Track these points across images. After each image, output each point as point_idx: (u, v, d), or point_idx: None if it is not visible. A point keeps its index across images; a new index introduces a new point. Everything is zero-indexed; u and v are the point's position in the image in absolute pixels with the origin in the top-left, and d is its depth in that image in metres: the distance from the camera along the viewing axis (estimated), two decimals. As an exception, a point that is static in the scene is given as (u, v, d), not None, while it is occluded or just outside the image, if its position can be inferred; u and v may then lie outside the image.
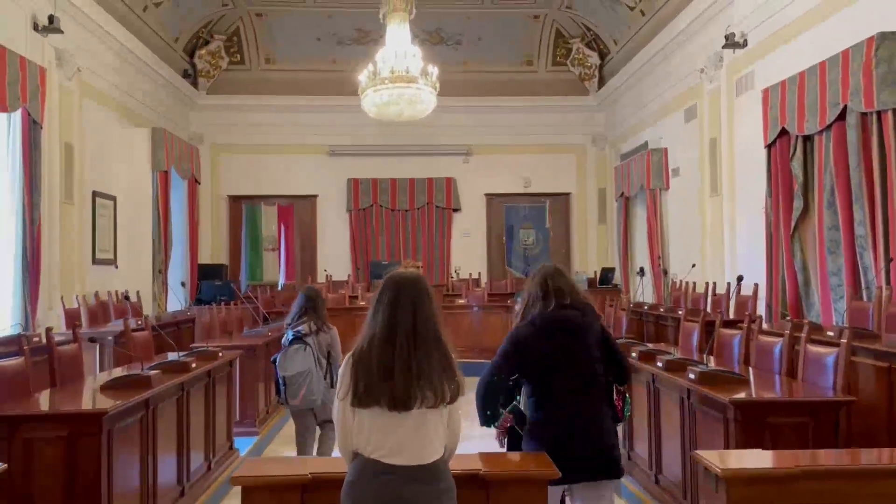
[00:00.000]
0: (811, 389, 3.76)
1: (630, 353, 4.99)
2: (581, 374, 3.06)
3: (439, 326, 2.42)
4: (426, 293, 2.44)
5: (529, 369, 3.09)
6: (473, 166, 14.14)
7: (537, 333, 3.08)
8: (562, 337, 3.07)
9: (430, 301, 2.43)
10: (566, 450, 2.94)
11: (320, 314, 4.95)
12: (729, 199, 8.89)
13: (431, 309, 2.42)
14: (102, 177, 9.79)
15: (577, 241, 14.31)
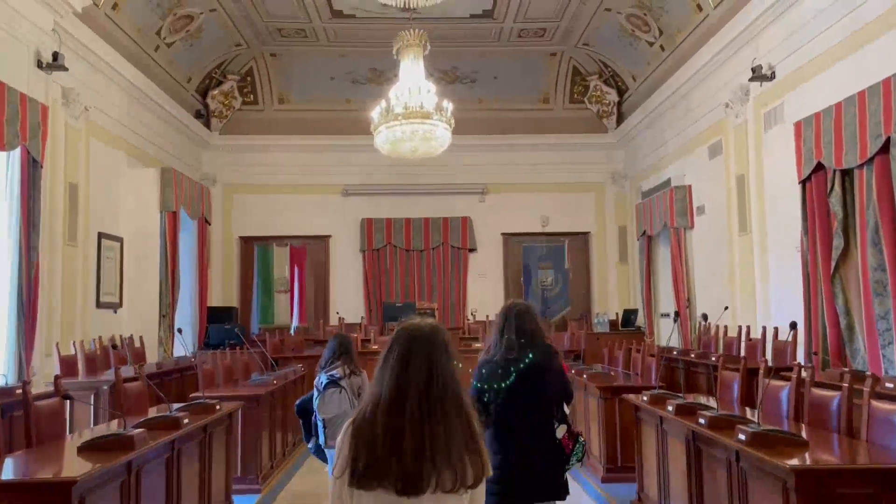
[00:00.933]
0: (881, 454, 3.30)
1: (666, 406, 4.53)
2: (523, 410, 3.35)
3: (461, 389, 2.01)
4: (444, 348, 2.02)
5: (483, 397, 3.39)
6: (490, 205, 13.81)
7: (489, 371, 3.41)
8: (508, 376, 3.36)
9: (450, 358, 2.02)
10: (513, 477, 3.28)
11: (352, 358, 5.06)
12: (759, 237, 8.46)
13: (451, 368, 2.01)
14: (109, 217, 9.54)
15: (598, 281, 13.86)
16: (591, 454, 6.70)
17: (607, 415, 6.21)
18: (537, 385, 3.38)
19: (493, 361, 3.44)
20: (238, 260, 13.61)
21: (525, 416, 3.37)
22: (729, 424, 3.78)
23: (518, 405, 3.36)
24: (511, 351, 3.40)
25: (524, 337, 3.44)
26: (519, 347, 3.40)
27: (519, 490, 3.31)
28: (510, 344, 3.43)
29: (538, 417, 3.40)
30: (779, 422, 4.12)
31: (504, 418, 3.36)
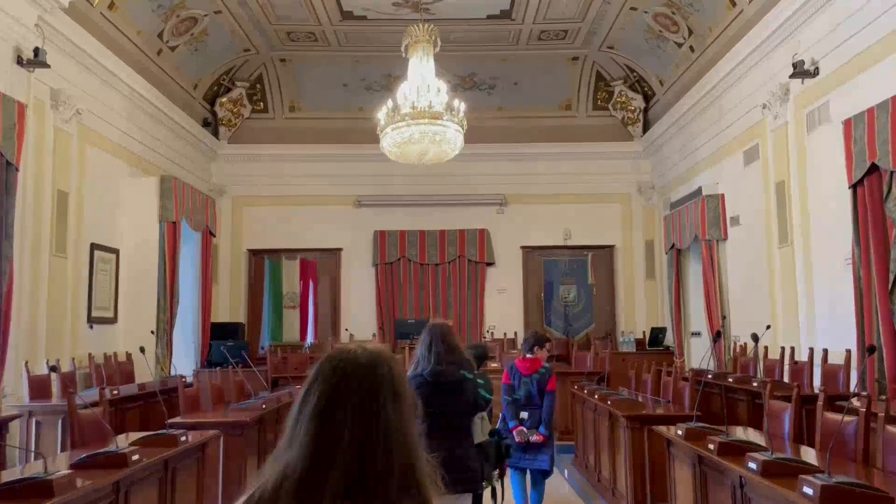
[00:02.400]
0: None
1: (706, 443, 3.82)
2: (445, 416, 3.84)
3: (418, 455, 1.34)
4: (392, 390, 1.34)
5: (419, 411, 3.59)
6: (509, 217, 13.14)
7: (418, 383, 3.87)
8: (433, 388, 3.88)
9: (400, 405, 1.35)
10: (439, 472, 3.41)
11: None
12: (802, 249, 7.69)
13: (402, 421, 1.33)
14: (104, 228, 9.04)
15: (624, 297, 13.10)
16: (616, 492, 5.97)
17: (635, 447, 5.49)
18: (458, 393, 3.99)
19: (421, 375, 3.95)
20: (246, 274, 13.07)
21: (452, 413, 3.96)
22: (787, 471, 3.08)
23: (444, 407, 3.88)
24: (439, 365, 3.94)
25: (448, 352, 3.99)
26: (446, 362, 3.95)
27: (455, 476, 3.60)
28: (438, 359, 3.96)
29: (460, 421, 4.04)
30: (845, 466, 3.39)
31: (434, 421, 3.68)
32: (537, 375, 5.74)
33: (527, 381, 5.74)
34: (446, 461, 3.68)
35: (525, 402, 5.70)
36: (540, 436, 5.58)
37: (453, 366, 3.95)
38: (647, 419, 5.48)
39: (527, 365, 5.83)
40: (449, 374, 3.94)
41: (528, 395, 5.71)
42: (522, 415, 5.68)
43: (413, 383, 3.84)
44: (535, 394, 5.70)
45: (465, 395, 4.00)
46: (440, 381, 3.93)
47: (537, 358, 5.85)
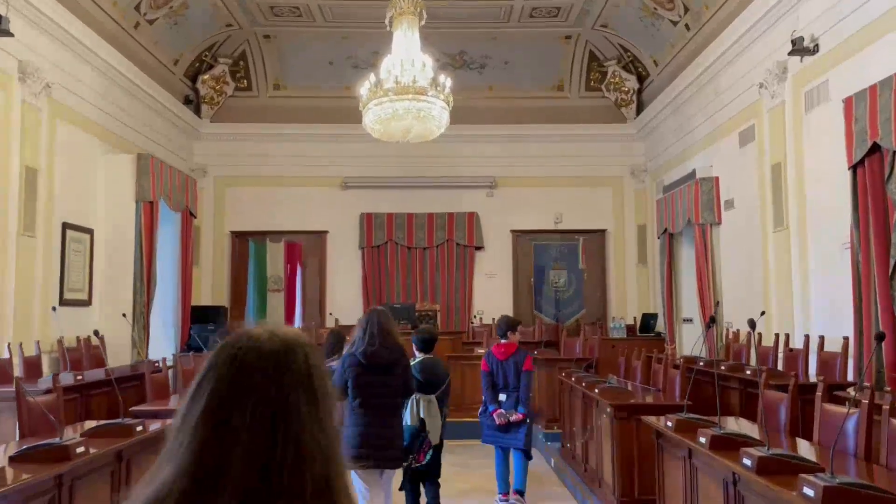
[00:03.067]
0: None
1: (697, 436, 3.57)
2: (377, 395, 4.24)
3: (335, 465, 1.04)
4: (307, 386, 1.05)
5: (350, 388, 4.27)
6: (498, 200, 12.86)
7: (351, 363, 4.26)
8: (366, 368, 4.22)
9: (318, 405, 1.05)
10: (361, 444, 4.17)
11: None
12: (798, 233, 7.45)
13: (319, 425, 1.04)
14: (76, 207, 8.72)
15: (615, 283, 12.86)
16: (602, 483, 5.74)
17: (622, 438, 5.25)
18: (390, 374, 4.31)
19: (354, 355, 4.31)
20: (229, 256, 12.76)
21: (381, 393, 4.29)
22: (785, 468, 2.83)
23: (376, 388, 4.27)
24: (372, 347, 4.24)
25: (382, 336, 4.28)
26: (381, 345, 4.26)
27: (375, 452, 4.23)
28: (371, 341, 4.26)
29: (390, 401, 4.36)
30: (846, 463, 3.15)
31: (364, 395, 4.26)
32: (513, 359, 5.93)
33: (504, 365, 5.95)
34: (374, 437, 4.15)
35: (503, 385, 5.94)
36: (519, 415, 5.78)
37: (386, 349, 4.28)
38: (635, 408, 5.24)
39: (502, 350, 6.01)
40: (381, 355, 4.27)
41: (505, 379, 5.94)
42: (501, 397, 5.91)
43: (346, 362, 4.34)
44: (513, 377, 5.91)
45: (395, 376, 4.33)
46: (372, 362, 4.26)
47: (511, 342, 6.00)
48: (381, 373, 4.26)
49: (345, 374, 4.30)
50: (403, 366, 4.41)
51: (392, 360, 4.31)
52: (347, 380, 4.28)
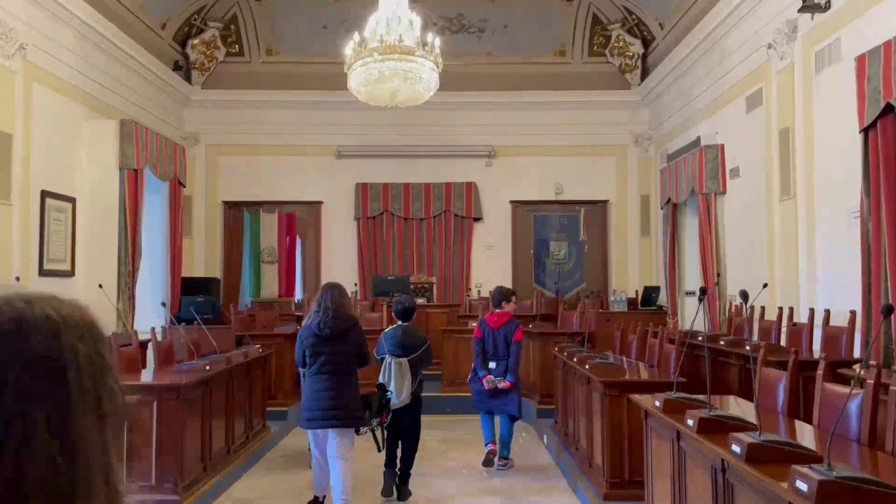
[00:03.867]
0: None
1: (685, 417, 3.28)
2: (329, 363, 4.66)
3: (105, 491, 0.73)
4: (73, 384, 0.72)
5: (304, 355, 4.74)
6: (497, 170, 12.50)
7: (307, 333, 4.72)
8: (318, 336, 4.67)
9: (88, 400, 0.72)
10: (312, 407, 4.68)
11: None
12: (806, 201, 7.08)
13: (89, 433, 0.72)
14: (56, 174, 8.42)
15: (617, 255, 12.52)
16: (592, 463, 5.47)
17: (612, 417, 4.96)
18: (342, 342, 4.70)
19: (310, 327, 4.73)
20: (222, 227, 12.48)
21: (334, 360, 4.68)
22: (778, 457, 2.53)
23: (328, 356, 4.68)
24: (330, 317, 4.66)
25: (335, 309, 4.71)
26: (332, 317, 4.67)
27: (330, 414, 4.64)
28: (325, 314, 4.69)
29: (342, 366, 4.72)
30: (847, 450, 2.85)
31: (318, 363, 4.68)
32: (504, 329, 6.19)
33: (496, 334, 6.20)
34: (327, 400, 4.55)
35: (493, 353, 6.19)
36: (507, 383, 6.07)
37: (339, 320, 4.70)
38: (626, 386, 4.94)
39: (495, 319, 6.27)
40: (333, 326, 4.67)
41: (496, 348, 6.20)
42: (491, 365, 6.17)
43: (303, 333, 4.79)
44: (503, 346, 6.18)
45: (348, 345, 4.73)
46: (325, 332, 4.66)
47: (506, 312, 6.28)
48: (335, 342, 4.69)
49: (302, 345, 4.77)
50: (355, 335, 4.80)
51: (344, 329, 4.73)
52: (304, 350, 4.74)
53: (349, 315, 4.85)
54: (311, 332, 4.70)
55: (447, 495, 5.55)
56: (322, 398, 4.61)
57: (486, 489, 5.71)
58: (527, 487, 5.81)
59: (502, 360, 6.13)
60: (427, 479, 6.00)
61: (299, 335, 4.82)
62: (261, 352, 7.03)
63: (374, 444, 5.19)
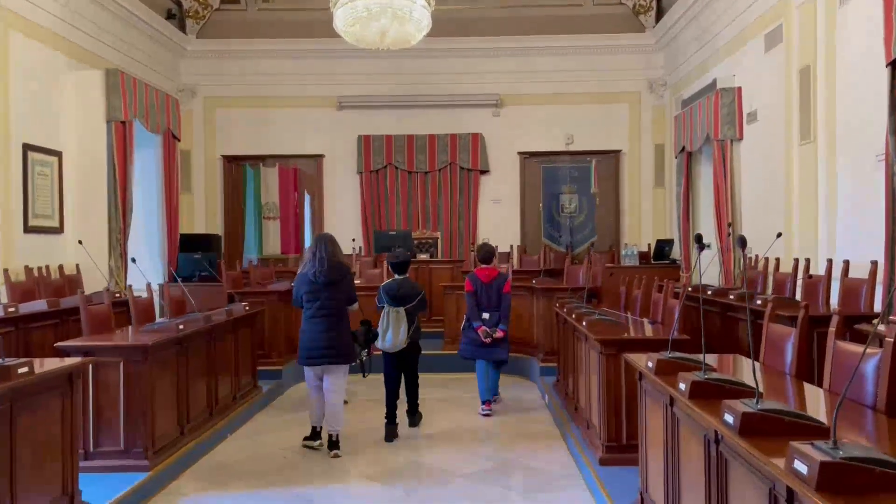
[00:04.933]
0: None
1: (678, 381, 2.91)
2: (324, 307, 5.27)
3: None
4: None
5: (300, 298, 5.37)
6: (505, 120, 11.99)
7: (304, 281, 5.32)
8: (313, 283, 5.27)
9: None
10: (310, 346, 5.30)
11: None
12: (827, 146, 6.57)
13: None
14: (39, 127, 8.10)
15: (630, 207, 12.04)
16: (591, 425, 5.14)
17: (609, 377, 4.61)
18: (335, 288, 5.28)
19: (306, 274, 5.30)
20: (222, 182, 12.16)
21: (327, 305, 5.26)
22: (777, 429, 2.16)
23: (322, 301, 5.26)
24: (321, 267, 5.22)
25: (328, 258, 5.26)
26: (328, 266, 5.24)
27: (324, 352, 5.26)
28: (320, 263, 5.24)
29: (336, 307, 5.30)
30: (859, 419, 2.47)
31: (313, 307, 5.27)
32: (496, 282, 6.52)
33: (488, 287, 6.52)
34: (321, 340, 5.26)
35: (486, 304, 6.52)
36: (501, 332, 6.44)
37: (331, 269, 5.26)
38: (624, 344, 4.58)
39: (486, 273, 6.59)
40: (327, 274, 5.24)
41: (489, 300, 6.52)
42: (484, 315, 6.51)
43: (300, 280, 5.35)
44: (495, 298, 6.52)
45: (340, 291, 5.32)
46: (320, 279, 5.23)
47: (493, 267, 6.64)
48: (329, 288, 5.26)
49: (299, 290, 5.35)
50: (346, 282, 5.40)
51: (337, 277, 5.30)
52: (301, 295, 5.31)
53: (341, 264, 5.39)
54: (307, 279, 5.28)
55: (442, 457, 5.27)
56: (320, 339, 5.23)
57: (481, 452, 5.42)
58: (525, 449, 5.52)
59: (495, 311, 6.51)
60: (421, 440, 5.74)
61: (296, 280, 5.42)
62: (247, 310, 6.72)
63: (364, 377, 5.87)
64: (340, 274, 5.30)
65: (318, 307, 5.24)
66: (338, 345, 5.27)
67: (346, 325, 5.37)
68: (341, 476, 4.92)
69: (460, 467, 5.05)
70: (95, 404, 4.59)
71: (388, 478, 4.85)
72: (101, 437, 4.60)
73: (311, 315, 5.26)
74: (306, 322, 5.30)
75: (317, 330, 5.23)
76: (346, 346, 5.35)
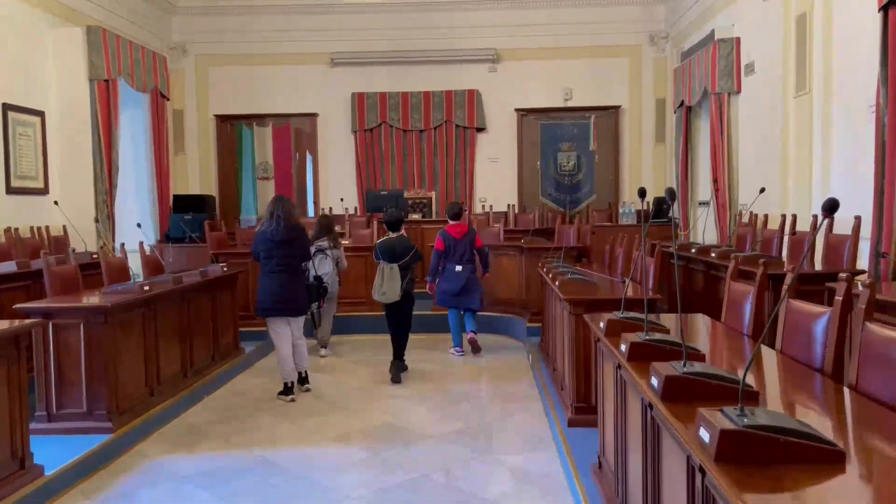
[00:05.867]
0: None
1: (620, 342, 2.77)
2: (280, 264, 5.62)
3: None
4: None
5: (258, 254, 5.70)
6: (502, 76, 11.70)
7: (262, 239, 5.65)
8: (270, 241, 5.60)
9: None
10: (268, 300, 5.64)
11: (334, 234, 7.18)
12: (822, 97, 6.31)
13: None
14: (18, 86, 7.98)
15: (630, 164, 11.78)
16: (564, 385, 5.03)
17: (578, 337, 4.49)
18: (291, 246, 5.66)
19: (264, 233, 5.64)
20: (215, 142, 12.01)
21: (284, 262, 5.63)
22: (704, 393, 2.03)
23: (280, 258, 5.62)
24: (277, 226, 5.58)
25: (285, 218, 5.61)
26: (284, 226, 5.59)
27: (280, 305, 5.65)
28: (277, 223, 5.59)
29: (293, 264, 5.71)
30: (802, 384, 2.33)
31: (271, 263, 5.62)
32: (467, 237, 6.96)
33: (459, 242, 6.96)
34: (278, 294, 5.65)
35: (459, 259, 6.98)
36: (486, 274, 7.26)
37: (287, 228, 5.61)
38: (592, 304, 4.43)
39: (457, 230, 7.00)
40: (283, 233, 5.59)
41: (462, 254, 6.99)
42: (457, 268, 6.99)
43: (258, 237, 5.70)
44: (468, 251, 7.01)
45: (295, 248, 5.69)
46: (276, 238, 5.59)
47: (463, 223, 7.02)
48: (285, 246, 5.61)
49: (257, 248, 5.69)
50: (301, 241, 5.77)
51: (292, 236, 5.65)
52: (259, 251, 5.66)
53: (297, 224, 5.75)
54: (265, 237, 5.63)
55: (415, 418, 5.19)
56: (279, 292, 5.61)
57: (455, 413, 5.33)
58: (501, 410, 5.44)
59: (468, 264, 7.01)
60: (398, 401, 5.67)
61: (255, 238, 5.78)
62: (225, 270, 6.63)
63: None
64: (296, 233, 5.67)
65: (276, 263, 5.60)
66: (295, 298, 5.69)
67: (301, 281, 5.89)
68: (309, 438, 4.86)
69: (431, 428, 4.98)
70: (57, 366, 4.54)
71: (356, 439, 4.79)
72: (63, 399, 4.56)
73: (270, 270, 5.63)
74: (264, 276, 5.67)
75: (276, 284, 5.59)
76: (301, 300, 5.82)
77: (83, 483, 4.07)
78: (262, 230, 5.66)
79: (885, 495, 1.45)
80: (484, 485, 3.97)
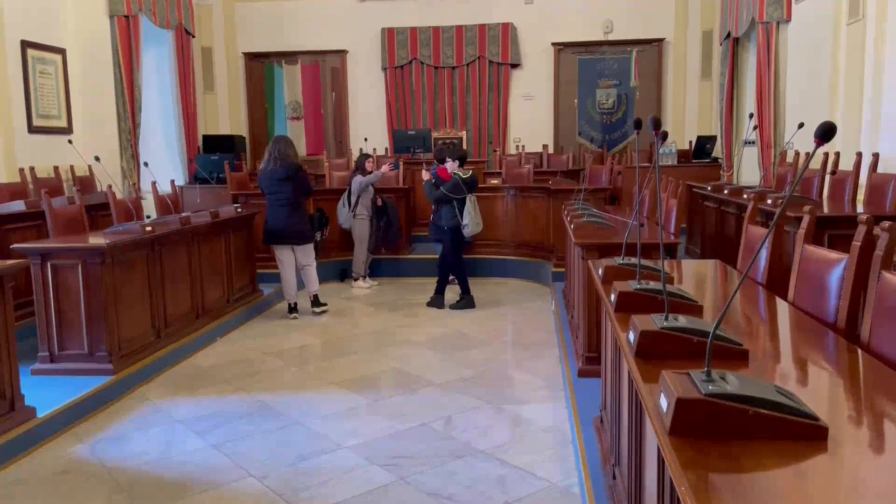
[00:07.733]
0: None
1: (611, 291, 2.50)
2: (280, 198, 6.22)
3: None
4: None
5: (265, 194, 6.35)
6: (538, 8, 11.15)
7: (262, 176, 6.27)
8: (270, 178, 6.20)
9: None
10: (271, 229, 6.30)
11: None
12: (877, 23, 5.74)
13: None
14: (37, 23, 7.85)
15: (673, 101, 11.19)
16: (579, 334, 4.79)
17: (589, 283, 4.21)
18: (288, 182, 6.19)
19: (264, 170, 6.25)
20: (244, 81, 11.82)
21: (283, 197, 6.22)
22: (684, 351, 1.77)
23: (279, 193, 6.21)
24: (279, 164, 6.15)
25: (281, 158, 6.20)
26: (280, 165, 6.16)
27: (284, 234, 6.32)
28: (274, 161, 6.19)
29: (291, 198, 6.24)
30: (811, 341, 2.04)
31: (272, 198, 6.27)
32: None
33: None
34: (281, 225, 6.34)
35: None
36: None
37: (283, 168, 6.14)
38: (605, 248, 4.14)
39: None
40: (279, 172, 6.14)
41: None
42: None
43: (261, 175, 6.27)
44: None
45: (291, 185, 6.18)
46: (274, 176, 6.16)
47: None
48: (283, 182, 6.16)
49: (261, 184, 6.28)
50: (300, 177, 6.25)
51: (288, 174, 6.17)
52: (263, 188, 6.27)
53: (292, 162, 6.23)
54: (265, 174, 6.23)
55: (424, 364, 5.03)
56: (283, 224, 6.24)
57: (466, 360, 5.15)
58: (513, 357, 5.24)
59: None
60: (411, 347, 5.52)
61: (258, 175, 6.37)
62: (239, 211, 6.50)
63: None
64: (294, 170, 6.18)
65: (277, 198, 6.22)
66: (298, 228, 6.33)
67: (303, 212, 6.46)
68: (311, 382, 4.75)
69: (437, 375, 4.80)
70: (57, 307, 4.48)
71: (357, 386, 4.65)
72: (65, 341, 4.51)
73: (272, 203, 6.26)
74: (269, 209, 6.30)
75: (280, 216, 6.23)
76: (305, 229, 6.43)
77: (78, 426, 4.03)
78: (262, 168, 6.28)
79: (865, 480, 1.19)
80: (481, 435, 3.79)
